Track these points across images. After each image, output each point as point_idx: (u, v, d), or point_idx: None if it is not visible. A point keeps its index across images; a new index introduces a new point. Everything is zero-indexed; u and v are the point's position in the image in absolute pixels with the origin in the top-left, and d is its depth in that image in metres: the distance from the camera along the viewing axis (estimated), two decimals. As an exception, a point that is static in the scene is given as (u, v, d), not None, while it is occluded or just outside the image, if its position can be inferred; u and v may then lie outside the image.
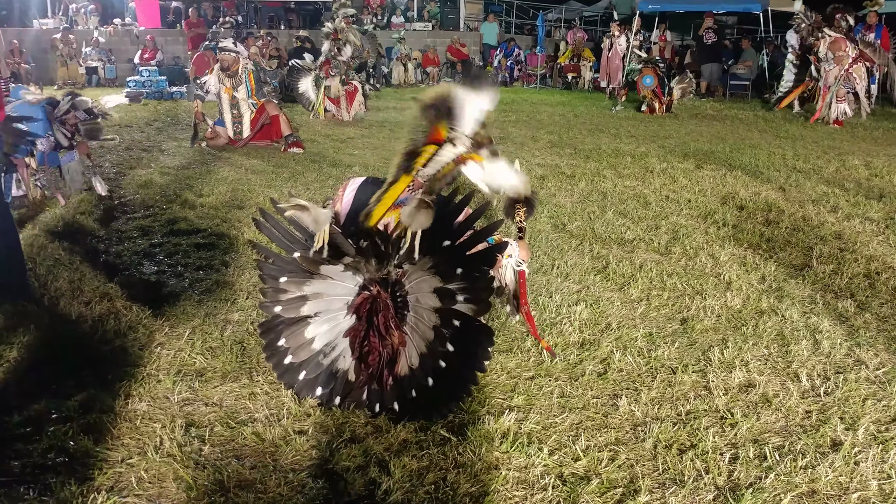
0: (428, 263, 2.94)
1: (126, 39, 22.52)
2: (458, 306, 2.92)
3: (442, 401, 3.06)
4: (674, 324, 4.12)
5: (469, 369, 3.01)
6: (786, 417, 3.14)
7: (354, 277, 3.11)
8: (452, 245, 2.91)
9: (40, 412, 3.04)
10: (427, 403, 3.03)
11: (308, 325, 3.17)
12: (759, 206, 6.85)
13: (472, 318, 2.93)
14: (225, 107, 9.96)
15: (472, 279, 2.90)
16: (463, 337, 2.94)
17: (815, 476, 2.72)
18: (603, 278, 4.81)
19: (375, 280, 3.06)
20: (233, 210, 6.42)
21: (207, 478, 2.65)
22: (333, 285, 3.13)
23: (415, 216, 2.86)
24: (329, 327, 3.17)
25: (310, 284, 3.13)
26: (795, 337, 3.93)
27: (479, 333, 2.98)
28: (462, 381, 3.04)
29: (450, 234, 2.91)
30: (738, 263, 5.14)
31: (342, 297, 3.15)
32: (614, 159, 9.32)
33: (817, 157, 9.60)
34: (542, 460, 2.78)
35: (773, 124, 13.32)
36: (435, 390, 3.00)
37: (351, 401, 3.11)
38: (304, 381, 3.18)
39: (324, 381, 3.16)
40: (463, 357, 2.96)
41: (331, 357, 3.17)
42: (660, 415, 3.14)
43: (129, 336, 3.80)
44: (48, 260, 4.91)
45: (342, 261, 3.05)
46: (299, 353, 3.18)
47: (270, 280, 3.19)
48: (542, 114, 14.73)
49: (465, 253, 2.91)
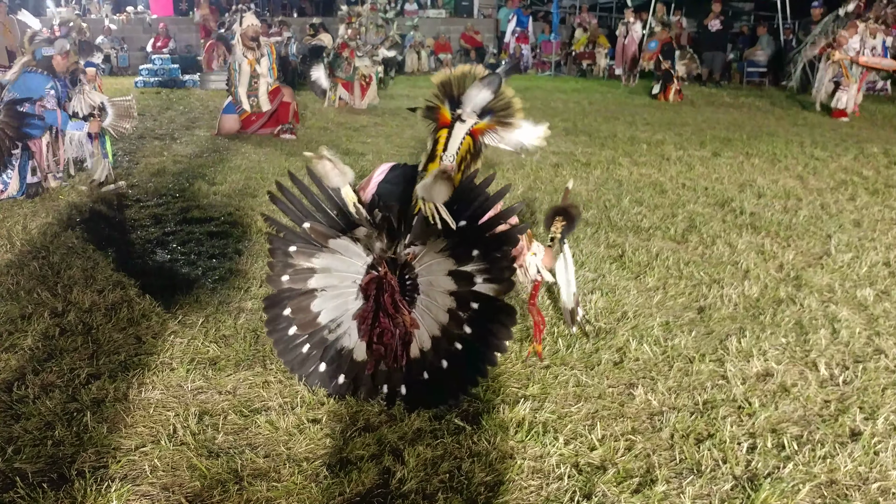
0: (441, 245, 2.93)
1: (139, 27, 22.52)
2: (479, 287, 2.91)
3: (455, 385, 3.05)
4: (691, 312, 4.09)
5: (489, 350, 2.99)
6: (804, 407, 3.12)
7: (364, 256, 3.10)
8: (468, 226, 2.90)
9: (55, 401, 3.05)
10: (438, 387, 3.03)
11: (315, 298, 3.16)
12: (778, 193, 6.80)
13: (493, 297, 2.92)
14: (244, 80, 9.75)
15: (492, 259, 2.89)
16: (482, 318, 2.93)
17: (834, 466, 2.70)
18: (619, 267, 4.78)
19: (384, 260, 3.06)
20: (246, 198, 6.43)
21: (221, 466, 2.66)
22: (342, 261, 3.12)
23: (432, 188, 2.86)
24: (336, 304, 3.16)
25: (319, 258, 3.12)
26: (814, 326, 3.91)
27: (501, 313, 2.96)
28: (480, 363, 3.02)
29: (464, 216, 2.91)
30: (756, 252, 5.11)
31: (351, 274, 3.14)
32: (630, 147, 9.27)
33: (835, 144, 9.53)
34: (557, 450, 2.77)
35: (791, 112, 13.22)
36: (448, 374, 2.99)
37: (357, 381, 3.11)
38: (308, 355, 3.17)
39: (328, 358, 3.16)
40: (482, 338, 2.95)
41: (336, 334, 3.16)
42: (677, 404, 3.13)
43: (142, 324, 3.81)
44: (62, 248, 4.94)
45: (355, 232, 3.05)
46: (304, 326, 3.17)
47: (280, 253, 3.18)
48: (557, 101, 14.66)
49: (481, 234, 2.90)
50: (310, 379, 3.18)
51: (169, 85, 16.92)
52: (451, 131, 3.20)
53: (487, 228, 2.92)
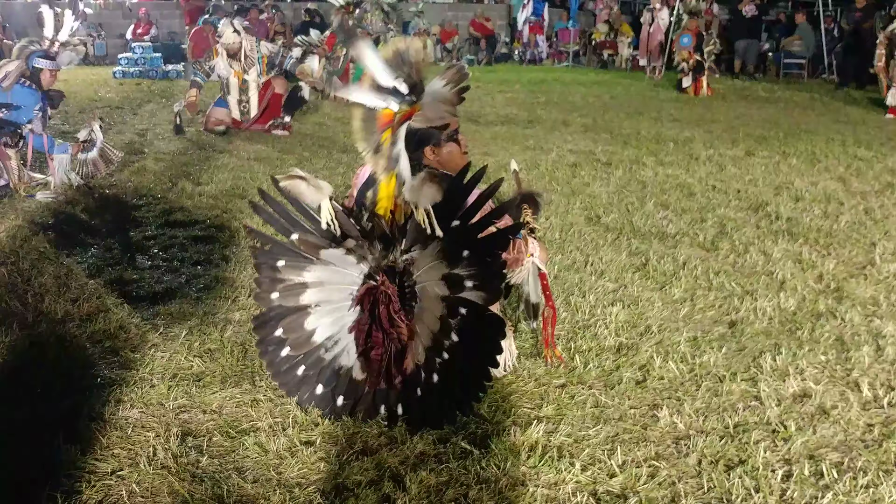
0: (437, 247, 2.93)
1: (117, 13, 22.56)
2: (466, 294, 2.91)
3: (452, 402, 3.04)
4: (721, 327, 4.09)
5: (479, 364, 2.99)
6: (845, 431, 3.12)
7: (359, 266, 3.11)
8: (461, 226, 2.89)
9: (23, 419, 3.06)
10: (435, 406, 3.02)
11: (308, 315, 3.16)
12: (817, 197, 6.79)
13: (480, 306, 2.92)
14: (233, 91, 9.88)
15: (481, 264, 2.89)
16: (471, 328, 2.92)
17: (877, 496, 2.70)
18: (642, 276, 4.79)
19: (382, 269, 3.06)
20: (234, 200, 6.44)
21: (205, 492, 2.66)
22: (336, 273, 3.13)
23: (420, 191, 2.86)
24: (331, 320, 3.16)
25: (310, 271, 3.12)
26: (856, 342, 3.90)
27: (488, 324, 2.95)
28: (473, 378, 3.02)
29: (458, 215, 2.90)
30: (793, 260, 5.11)
31: (346, 286, 3.14)
32: (655, 145, 9.29)
33: (881, 143, 9.53)
34: (573, 476, 2.77)
35: (832, 107, 13.23)
36: (441, 389, 2.99)
37: (356, 402, 3.11)
38: (303, 377, 3.17)
39: (325, 379, 3.15)
40: (471, 351, 2.95)
41: (333, 352, 3.16)
42: (705, 427, 3.13)
43: (119, 337, 3.82)
44: (32, 253, 4.95)
45: (345, 244, 3.05)
46: (298, 346, 3.17)
47: (267, 268, 3.19)
48: (575, 95, 14.69)
49: (473, 234, 2.90)
50: (307, 402, 3.18)
51: (150, 75, 16.98)
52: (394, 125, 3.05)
53: (479, 228, 2.91)
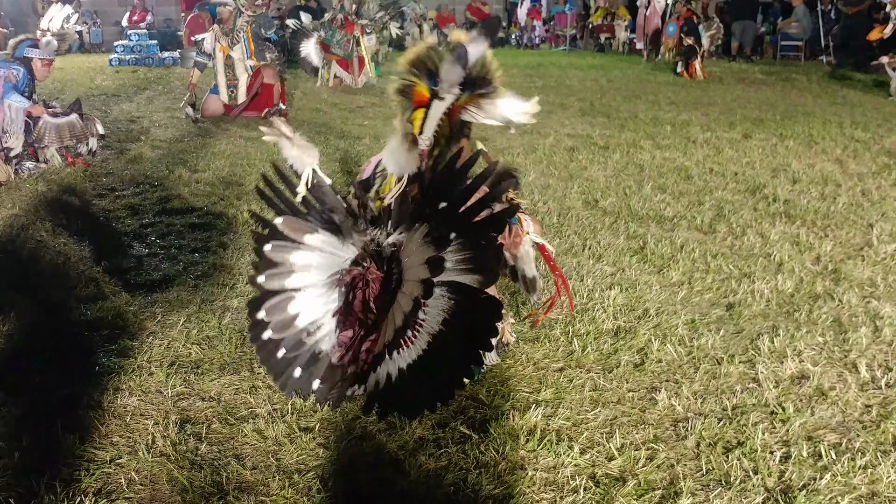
0: (424, 231, 2.86)
1: (113, 0, 22.50)
2: (462, 278, 2.83)
3: (432, 389, 2.94)
4: (718, 309, 4.09)
5: (473, 347, 2.89)
6: (843, 412, 3.12)
7: (346, 250, 3.09)
8: (449, 207, 2.82)
9: (21, 408, 3.06)
10: (411, 390, 2.91)
11: (292, 299, 3.13)
12: (814, 179, 6.78)
13: (475, 289, 2.82)
14: (219, 67, 9.83)
15: (476, 247, 2.81)
16: (462, 312, 2.84)
17: (875, 477, 2.70)
18: (640, 260, 4.79)
19: (369, 254, 3.05)
20: (231, 186, 6.44)
21: (204, 479, 2.67)
22: (323, 258, 3.11)
23: (394, 154, 2.83)
24: (316, 304, 3.13)
25: (296, 255, 3.09)
26: (854, 323, 3.90)
27: (483, 307, 2.86)
28: (461, 363, 2.92)
29: (448, 197, 2.83)
30: (791, 242, 5.10)
31: (332, 271, 3.12)
32: (652, 128, 9.27)
33: (878, 125, 9.51)
34: (572, 460, 2.78)
35: (829, 89, 13.20)
36: (420, 374, 2.88)
37: (330, 386, 3.06)
38: (283, 360, 3.11)
39: (304, 363, 3.10)
40: (462, 335, 2.86)
41: (315, 337, 3.12)
42: (703, 410, 3.13)
43: (117, 324, 3.82)
44: (30, 242, 4.94)
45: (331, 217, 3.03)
46: (279, 329, 3.13)
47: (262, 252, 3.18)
48: (573, 79, 14.66)
49: (464, 217, 2.81)
50: (288, 386, 3.13)
51: (146, 63, 16.93)
52: (427, 111, 3.14)
53: (470, 213, 2.83)
